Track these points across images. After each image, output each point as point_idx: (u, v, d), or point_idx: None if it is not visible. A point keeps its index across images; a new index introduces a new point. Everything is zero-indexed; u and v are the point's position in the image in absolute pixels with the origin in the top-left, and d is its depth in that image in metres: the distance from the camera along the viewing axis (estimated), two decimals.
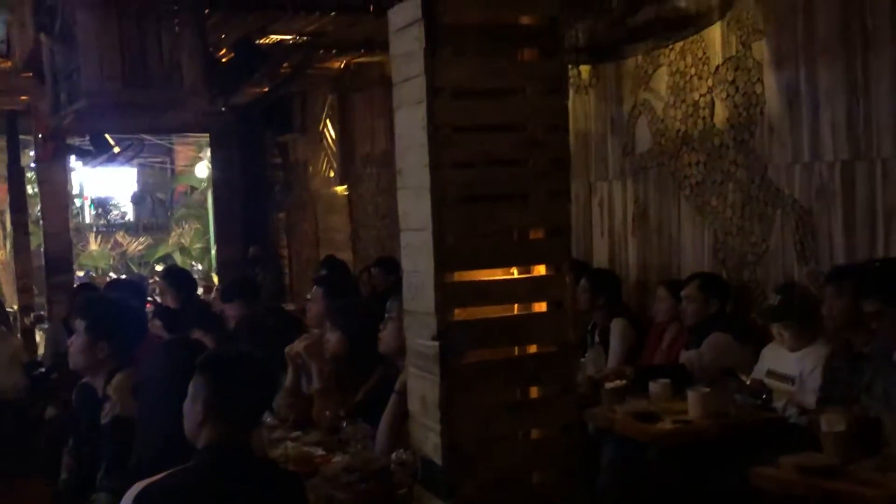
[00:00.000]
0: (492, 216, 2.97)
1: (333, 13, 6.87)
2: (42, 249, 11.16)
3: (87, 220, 21.34)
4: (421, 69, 2.89)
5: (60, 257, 10.49)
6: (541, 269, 3.04)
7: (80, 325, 3.92)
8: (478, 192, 2.95)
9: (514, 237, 3.04)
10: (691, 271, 5.72)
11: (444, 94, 2.90)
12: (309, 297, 6.06)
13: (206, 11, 6.12)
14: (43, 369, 7.62)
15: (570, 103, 6.69)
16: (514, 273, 3.04)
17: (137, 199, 21.97)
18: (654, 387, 4.69)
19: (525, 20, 3.02)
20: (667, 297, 5.65)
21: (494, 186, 2.98)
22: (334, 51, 8.30)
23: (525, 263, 3.03)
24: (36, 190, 12.11)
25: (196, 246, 17.90)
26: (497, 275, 3.01)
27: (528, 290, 3.04)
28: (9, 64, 7.89)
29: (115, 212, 22.20)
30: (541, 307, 3.06)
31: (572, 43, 5.23)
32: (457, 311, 2.92)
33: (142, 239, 19.55)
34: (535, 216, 3.04)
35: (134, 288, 6.64)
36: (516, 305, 3.06)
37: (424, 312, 2.92)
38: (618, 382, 4.88)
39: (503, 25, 2.99)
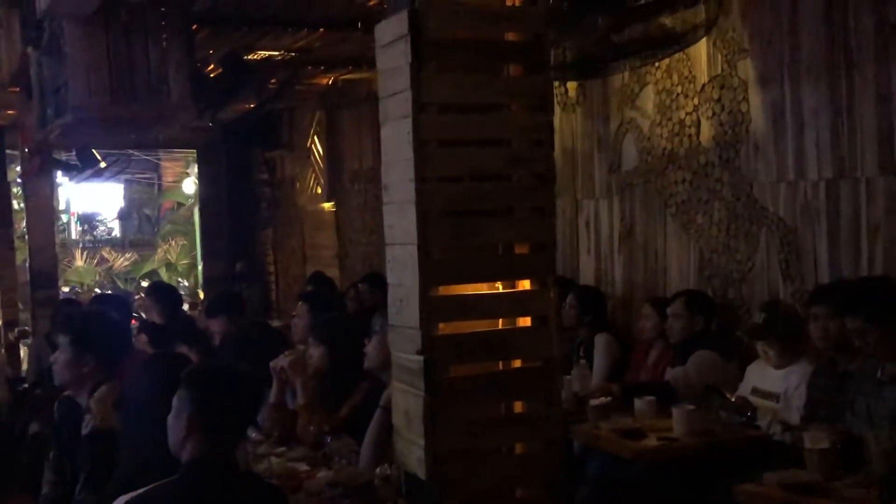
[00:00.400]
0: (477, 231, 2.98)
1: (321, 30, 6.90)
2: (27, 264, 11.12)
3: (74, 236, 21.27)
4: (407, 84, 2.90)
5: (45, 272, 10.47)
6: (525, 284, 3.05)
7: (63, 339, 3.91)
8: (463, 207, 2.96)
9: (499, 252, 3.06)
10: (677, 289, 5.74)
11: (429, 109, 2.91)
12: (295, 313, 6.06)
13: (194, 27, 6.13)
14: (26, 385, 7.58)
15: (557, 121, 6.75)
16: (499, 287, 3.05)
17: (124, 215, 21.93)
18: (640, 404, 4.69)
19: (511, 37, 3.05)
20: (652, 315, 5.66)
21: (479, 201, 2.99)
22: (322, 67, 8.33)
23: (510, 278, 3.05)
24: (22, 205, 12.07)
25: (182, 262, 17.85)
26: (482, 289, 3.02)
27: (512, 304, 3.05)
28: None
29: (102, 228, 22.14)
30: (525, 322, 3.07)
31: (559, 60, 5.26)
32: (441, 325, 2.93)
33: (128, 255, 19.48)
34: (520, 231, 3.05)
35: (119, 303, 6.62)
36: (501, 320, 3.06)
37: (409, 326, 2.92)
38: (603, 399, 4.88)
39: (489, 42, 3.02)
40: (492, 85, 3.02)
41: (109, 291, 16.21)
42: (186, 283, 17.34)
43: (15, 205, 13.19)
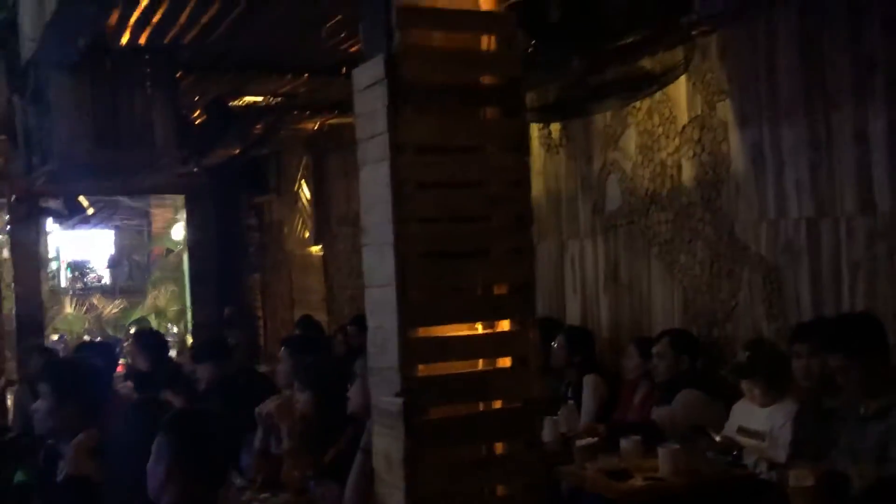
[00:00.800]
0: (455, 272, 2.99)
1: (305, 75, 6.94)
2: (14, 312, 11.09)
3: (64, 284, 21.21)
4: (384, 127, 2.93)
5: (32, 320, 10.45)
6: (505, 325, 3.05)
7: (44, 387, 3.90)
8: (441, 248, 2.96)
9: (478, 293, 3.06)
10: (662, 328, 5.75)
11: (407, 152, 2.93)
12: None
13: (179, 74, 6.17)
14: (12, 434, 7.53)
15: (541, 162, 6.81)
16: (479, 329, 3.05)
17: (114, 263, 21.89)
18: (625, 444, 4.68)
19: (487, 80, 3.07)
20: (635, 355, 5.67)
21: (458, 242, 3.00)
22: (308, 112, 8.37)
23: (489, 319, 3.04)
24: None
25: (172, 308, 17.79)
26: (461, 330, 3.02)
27: (492, 345, 3.04)
28: None
29: (92, 275, 22.09)
30: (505, 363, 3.06)
31: (541, 102, 5.33)
32: (421, 367, 2.92)
33: (118, 302, 19.42)
34: (499, 272, 3.05)
35: (103, 350, 6.60)
36: (481, 361, 3.06)
37: (388, 368, 2.91)
38: (589, 440, 4.87)
39: (465, 85, 3.04)
40: (468, 127, 3.04)
41: (98, 339, 16.16)
42: (176, 330, 17.28)
43: (5, 254, 13.17)
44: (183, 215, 15.08)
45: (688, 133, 5.66)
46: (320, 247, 10.63)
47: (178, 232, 17.29)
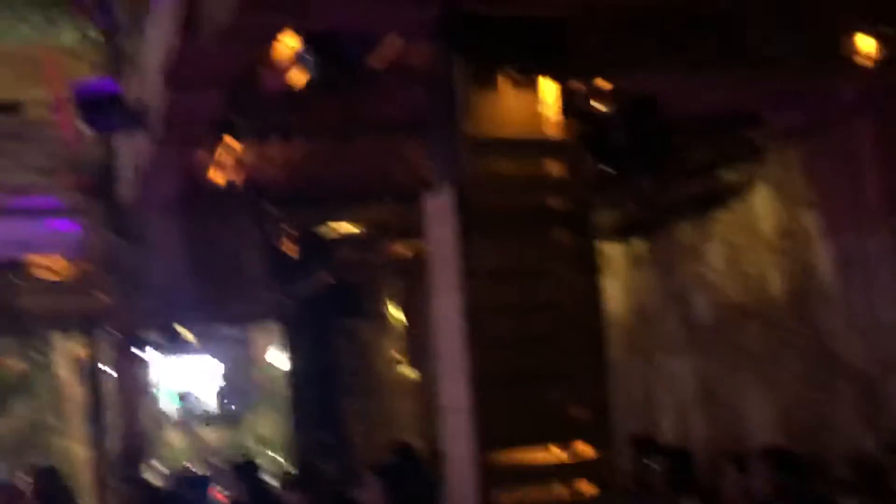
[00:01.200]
0: (531, 395, 2.99)
1: (390, 203, 7.07)
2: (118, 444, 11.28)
3: (168, 413, 21.56)
4: (455, 253, 2.98)
5: (133, 450, 10.60)
6: (583, 448, 3.02)
7: None
8: (515, 372, 2.97)
9: (556, 416, 3.04)
10: (758, 443, 5.58)
11: (478, 277, 2.98)
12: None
13: (268, 207, 6.36)
14: None
15: (627, 278, 6.77)
16: (558, 453, 3.02)
17: (217, 390, 22.22)
18: None
19: (555, 203, 3.12)
20: (733, 473, 5.49)
21: (532, 365, 3.00)
22: (397, 237, 8.48)
23: (566, 442, 3.02)
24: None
25: (273, 435, 17.92)
26: (540, 455, 3.00)
27: (572, 470, 3.01)
28: (86, 266, 8.24)
29: (196, 403, 22.42)
30: (588, 489, 3.02)
31: (622, 220, 5.35)
32: (502, 494, 2.90)
33: (220, 429, 19.64)
34: (575, 394, 3.04)
35: (198, 482, 6.68)
36: (563, 487, 3.02)
37: (467, 497, 2.90)
38: None
39: (534, 209, 3.09)
40: (539, 251, 3.09)
41: (200, 469, 16.29)
42: (279, 457, 17.35)
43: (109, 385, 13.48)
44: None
45: (773, 243, 5.60)
46: (415, 369, 10.64)
47: (278, 358, 17.53)
